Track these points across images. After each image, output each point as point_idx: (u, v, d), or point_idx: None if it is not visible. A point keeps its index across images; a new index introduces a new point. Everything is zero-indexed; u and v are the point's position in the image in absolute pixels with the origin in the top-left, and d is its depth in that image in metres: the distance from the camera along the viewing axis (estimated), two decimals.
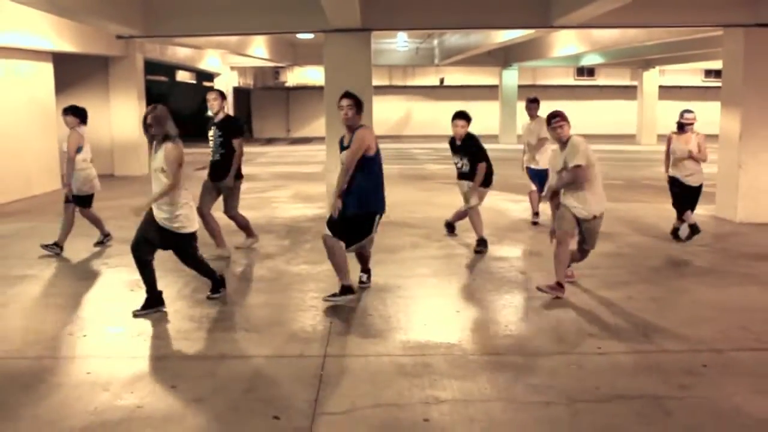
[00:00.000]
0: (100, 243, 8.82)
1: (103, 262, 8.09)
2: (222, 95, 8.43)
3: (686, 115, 8.90)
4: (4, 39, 12.18)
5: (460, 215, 9.14)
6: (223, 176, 8.10)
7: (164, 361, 5.17)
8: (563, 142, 6.59)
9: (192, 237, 6.28)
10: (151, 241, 6.11)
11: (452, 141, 8.73)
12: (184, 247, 6.30)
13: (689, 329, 5.72)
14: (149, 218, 6.09)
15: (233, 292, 6.98)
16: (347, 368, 4.96)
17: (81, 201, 8.50)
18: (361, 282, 6.82)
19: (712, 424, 4.10)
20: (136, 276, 7.17)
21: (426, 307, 6.46)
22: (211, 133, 8.26)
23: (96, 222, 8.81)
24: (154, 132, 5.96)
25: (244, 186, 8.69)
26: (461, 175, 8.75)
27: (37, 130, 14.39)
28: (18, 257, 8.20)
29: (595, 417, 4.20)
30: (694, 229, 8.89)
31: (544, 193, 7.58)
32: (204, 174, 8.30)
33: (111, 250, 8.51)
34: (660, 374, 4.80)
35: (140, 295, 6.68)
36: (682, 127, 8.93)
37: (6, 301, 6.62)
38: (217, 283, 6.60)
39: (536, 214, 10.35)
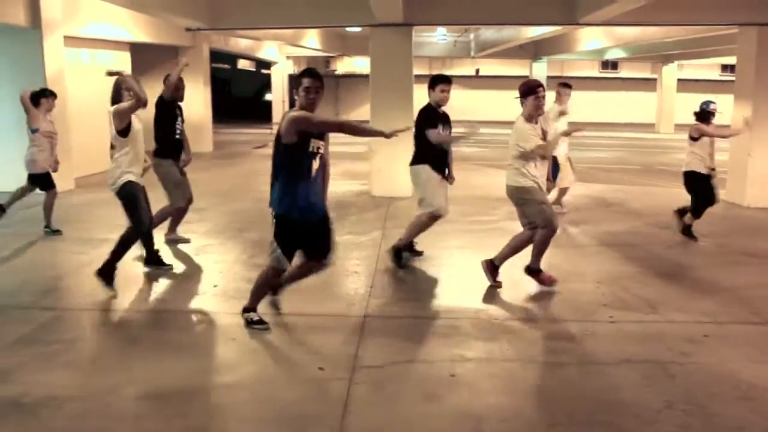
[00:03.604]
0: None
1: None
2: None
3: (712, 106, 7.82)
4: (90, 31, 12.45)
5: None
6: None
7: (224, 317, 5.30)
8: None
9: None
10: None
11: (433, 109, 6.55)
12: None
13: (693, 302, 5.70)
14: (142, 190, 5.94)
15: None
16: (384, 328, 5.06)
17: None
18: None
19: (709, 386, 4.11)
20: (202, 243, 7.39)
21: (456, 276, 6.52)
22: (178, 112, 7.04)
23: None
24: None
25: None
26: (443, 160, 6.60)
27: None
28: (100, 222, 8.41)
29: (604, 378, 4.24)
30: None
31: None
32: (262, 152, 8.06)
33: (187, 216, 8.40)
34: (664, 342, 4.81)
35: (204, 259, 6.90)
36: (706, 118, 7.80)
37: (90, 260, 6.84)
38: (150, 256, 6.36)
39: None
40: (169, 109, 6.96)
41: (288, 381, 4.17)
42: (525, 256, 5.99)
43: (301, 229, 4.76)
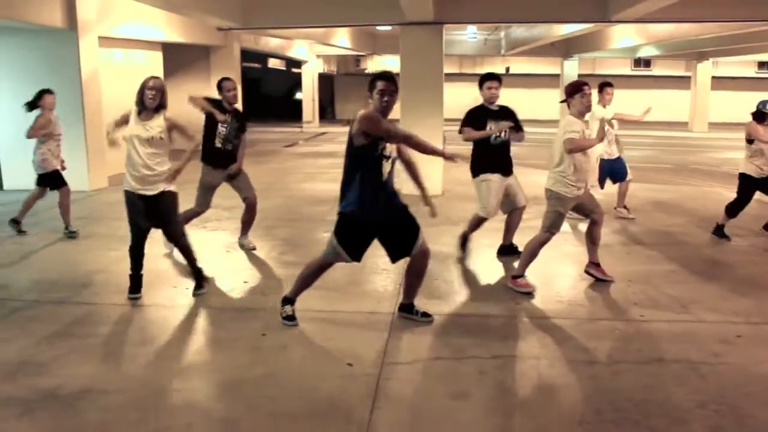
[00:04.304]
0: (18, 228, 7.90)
1: (203, 225, 8.33)
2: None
3: None
4: (124, 31, 12.67)
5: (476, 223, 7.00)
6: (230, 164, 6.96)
7: (255, 312, 5.37)
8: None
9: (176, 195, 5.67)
10: (143, 225, 5.63)
11: (480, 107, 6.75)
12: (175, 208, 5.70)
13: (726, 302, 5.63)
14: (132, 201, 5.52)
15: (315, 255, 7.16)
16: (413, 325, 5.06)
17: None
18: None
19: (742, 387, 4.06)
20: (232, 239, 7.47)
21: (485, 274, 6.52)
22: (228, 119, 6.85)
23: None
24: (159, 101, 5.52)
25: (328, 161, 8.71)
26: (503, 153, 6.68)
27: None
28: None
29: (634, 377, 4.21)
30: None
31: None
32: (292, 151, 8.01)
33: (210, 215, 7.94)
34: (696, 342, 4.75)
35: (235, 256, 6.99)
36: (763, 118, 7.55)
37: (123, 256, 6.95)
38: (201, 276, 5.82)
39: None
40: (208, 119, 6.86)
41: (317, 376, 4.21)
42: (551, 256, 5.95)
43: (368, 230, 4.78)
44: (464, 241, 7.07)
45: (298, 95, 31.29)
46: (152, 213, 5.55)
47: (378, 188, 4.68)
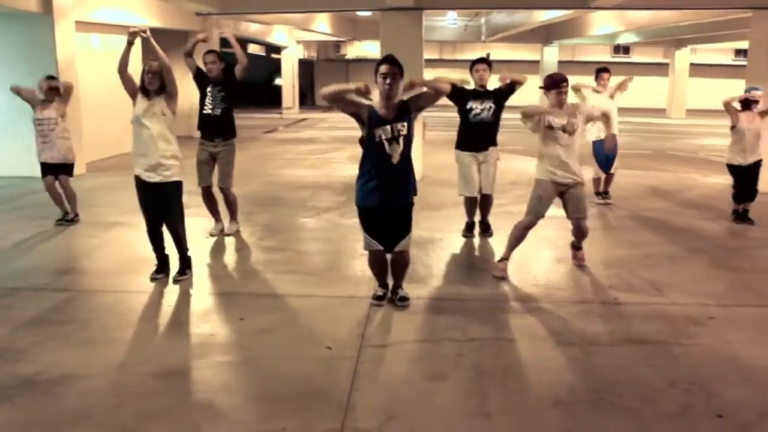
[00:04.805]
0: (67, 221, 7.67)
1: None
2: (220, 57, 7.06)
3: (754, 92, 7.74)
4: (101, 16, 12.54)
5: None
6: (224, 132, 7.02)
7: (234, 297, 5.40)
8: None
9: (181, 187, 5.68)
10: (149, 211, 5.61)
11: (470, 88, 7.01)
12: (177, 198, 5.66)
13: (700, 285, 5.74)
14: (138, 188, 5.53)
15: (295, 240, 7.20)
16: (391, 308, 5.10)
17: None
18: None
19: (712, 367, 4.16)
20: (212, 224, 7.44)
21: (464, 258, 6.58)
22: (209, 89, 6.97)
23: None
24: (160, 84, 5.62)
25: (308, 147, 8.68)
26: (479, 132, 6.94)
27: (126, 96, 14.75)
28: (112, 206, 8.51)
29: (608, 358, 4.29)
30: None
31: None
32: (272, 137, 8.01)
33: (189, 201, 8.37)
34: (669, 324, 4.85)
35: (214, 241, 6.98)
36: (748, 105, 7.76)
37: (102, 243, 6.95)
38: (186, 263, 5.82)
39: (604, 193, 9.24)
40: (197, 83, 7.04)
41: (296, 359, 4.24)
42: (528, 240, 6.02)
43: (378, 216, 4.87)
44: (468, 228, 7.31)
45: (278, 81, 31.11)
46: (153, 200, 5.53)
47: (382, 175, 4.76)
